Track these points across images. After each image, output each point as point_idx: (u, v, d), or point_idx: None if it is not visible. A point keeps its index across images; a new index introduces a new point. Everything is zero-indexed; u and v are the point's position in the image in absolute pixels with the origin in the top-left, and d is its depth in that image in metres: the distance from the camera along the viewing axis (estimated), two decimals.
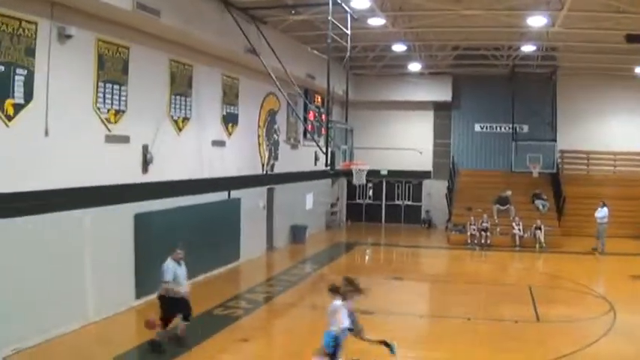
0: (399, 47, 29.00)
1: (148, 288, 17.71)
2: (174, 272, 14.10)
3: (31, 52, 13.78)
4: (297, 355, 14.66)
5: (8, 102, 13.26)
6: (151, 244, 18.04)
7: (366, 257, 30.80)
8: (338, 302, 11.61)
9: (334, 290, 11.83)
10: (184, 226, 19.82)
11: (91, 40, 15.79)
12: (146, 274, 17.71)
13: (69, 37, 14.69)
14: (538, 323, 17.00)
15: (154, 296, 17.05)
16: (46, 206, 14.36)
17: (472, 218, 31.84)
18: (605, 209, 29.38)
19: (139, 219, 17.93)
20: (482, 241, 30.84)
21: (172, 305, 14.10)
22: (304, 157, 31.32)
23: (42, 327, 14.07)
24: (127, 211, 17.56)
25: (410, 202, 39.83)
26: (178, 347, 14.07)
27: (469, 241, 31.15)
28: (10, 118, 13.29)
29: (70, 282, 14.54)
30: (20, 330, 13.28)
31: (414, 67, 34.17)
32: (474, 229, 31.23)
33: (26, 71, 13.68)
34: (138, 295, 17.85)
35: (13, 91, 13.40)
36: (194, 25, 18.60)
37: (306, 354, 14.88)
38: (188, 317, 14.34)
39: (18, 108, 13.50)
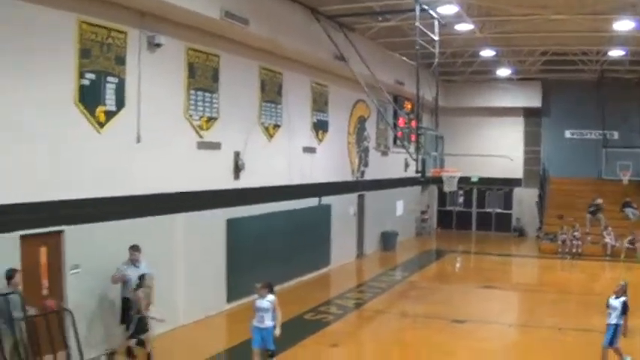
0: (487, 53, 28.61)
1: (239, 292, 17.94)
2: (125, 273, 13.51)
3: (121, 60, 14.12)
4: None
5: (100, 109, 13.57)
6: (242, 249, 18.39)
7: (457, 265, 30.42)
8: (273, 297, 12.37)
9: (270, 287, 12.49)
10: (276, 232, 20.16)
11: (180, 49, 16.14)
12: (237, 279, 17.98)
13: (158, 45, 15.03)
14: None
15: (244, 300, 17.29)
16: (139, 211, 14.68)
17: (563, 227, 31.16)
18: None
19: (231, 224, 18.20)
20: (574, 250, 30.12)
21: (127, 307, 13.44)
22: (394, 163, 31.32)
23: None
24: (220, 216, 17.84)
25: (500, 210, 39.20)
26: None
27: (560, 249, 30.48)
28: (101, 125, 13.62)
29: (161, 286, 14.69)
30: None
31: (503, 72, 33.60)
32: (565, 238, 30.57)
33: (117, 79, 14.01)
34: (229, 299, 18.12)
35: (104, 99, 13.71)
36: (282, 33, 18.78)
37: None
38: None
39: (110, 115, 13.82)
